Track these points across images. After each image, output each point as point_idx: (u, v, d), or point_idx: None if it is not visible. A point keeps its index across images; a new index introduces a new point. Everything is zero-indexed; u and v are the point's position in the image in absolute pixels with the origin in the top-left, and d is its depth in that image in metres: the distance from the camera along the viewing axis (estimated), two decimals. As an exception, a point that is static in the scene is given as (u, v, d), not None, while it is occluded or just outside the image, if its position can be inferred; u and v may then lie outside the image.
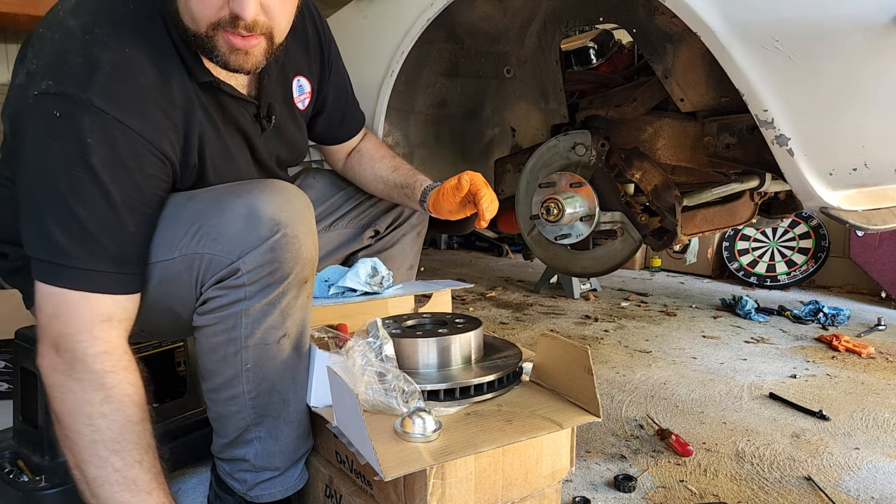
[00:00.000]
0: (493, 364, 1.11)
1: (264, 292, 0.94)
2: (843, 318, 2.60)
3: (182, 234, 0.94)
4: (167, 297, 0.97)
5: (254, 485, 1.04)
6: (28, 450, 1.19)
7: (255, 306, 0.95)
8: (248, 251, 0.91)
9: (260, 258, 0.92)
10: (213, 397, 1.02)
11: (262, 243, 0.92)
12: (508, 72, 1.59)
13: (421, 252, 1.59)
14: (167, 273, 0.95)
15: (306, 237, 0.96)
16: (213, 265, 0.93)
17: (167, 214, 0.98)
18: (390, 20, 1.51)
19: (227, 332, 0.96)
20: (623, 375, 1.96)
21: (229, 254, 0.92)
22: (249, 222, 0.92)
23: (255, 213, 0.92)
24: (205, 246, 0.93)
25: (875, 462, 1.39)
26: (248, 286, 0.93)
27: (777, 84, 1.00)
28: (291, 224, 0.94)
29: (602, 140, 1.39)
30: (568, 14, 1.42)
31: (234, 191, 0.97)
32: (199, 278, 0.94)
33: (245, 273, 0.92)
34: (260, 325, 0.96)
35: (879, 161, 1.00)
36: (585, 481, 1.31)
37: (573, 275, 1.91)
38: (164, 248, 0.95)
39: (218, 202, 0.96)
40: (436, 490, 0.90)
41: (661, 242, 1.36)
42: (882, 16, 0.89)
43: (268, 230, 0.92)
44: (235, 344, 0.96)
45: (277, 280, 0.94)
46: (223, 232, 0.92)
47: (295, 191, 0.99)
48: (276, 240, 0.92)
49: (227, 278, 0.93)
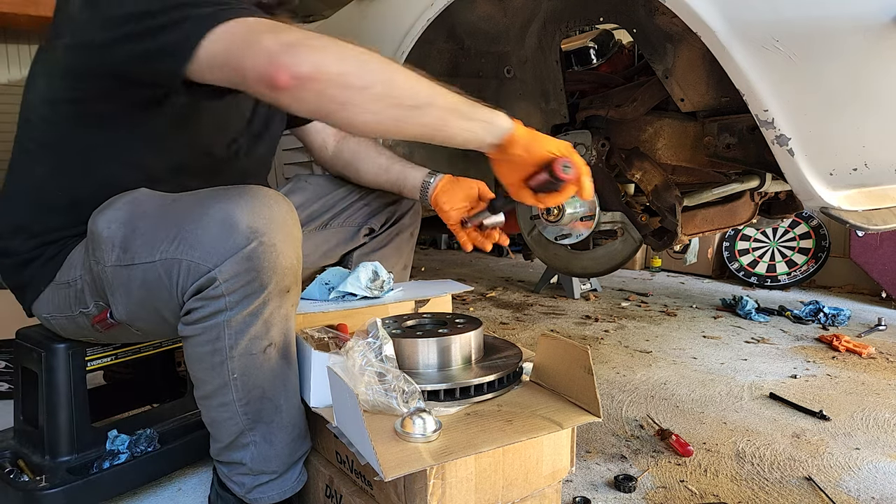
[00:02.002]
0: (494, 364, 1.10)
1: (244, 303, 0.93)
2: (844, 319, 2.60)
3: (163, 237, 0.94)
4: (151, 299, 0.97)
5: (252, 488, 1.04)
6: (28, 450, 1.20)
7: (237, 317, 0.93)
8: (224, 260, 0.90)
9: (236, 267, 0.91)
10: (204, 404, 1.02)
11: (238, 252, 0.90)
12: (509, 72, 1.59)
13: (419, 252, 1.60)
14: (149, 276, 0.95)
15: (285, 245, 0.94)
16: (192, 272, 0.92)
17: (150, 215, 0.98)
18: (390, 20, 1.51)
19: (212, 343, 0.95)
20: (623, 375, 1.96)
21: (206, 261, 0.91)
22: (225, 230, 0.90)
23: (231, 221, 0.90)
24: (183, 252, 0.92)
25: (875, 462, 1.39)
26: (228, 296, 0.92)
27: (777, 84, 1.00)
28: (269, 232, 0.92)
29: (602, 140, 1.39)
30: (568, 14, 1.42)
31: (214, 196, 0.96)
32: (178, 283, 0.93)
33: (223, 283, 0.91)
34: (243, 336, 0.95)
35: (880, 161, 1.01)
36: (586, 481, 1.31)
37: (573, 275, 1.91)
38: (146, 250, 0.95)
39: (198, 206, 0.95)
40: (436, 490, 0.90)
41: (661, 242, 1.36)
42: (882, 16, 0.89)
43: (244, 238, 0.90)
44: (220, 354, 0.96)
45: (256, 290, 0.93)
46: (200, 238, 0.91)
47: (276, 197, 0.96)
48: (253, 248, 0.90)
49: (206, 288, 0.92)
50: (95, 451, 1.18)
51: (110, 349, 1.23)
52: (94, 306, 1.06)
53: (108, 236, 0.98)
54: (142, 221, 0.98)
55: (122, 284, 0.98)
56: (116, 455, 1.18)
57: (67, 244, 1.09)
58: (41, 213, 1.09)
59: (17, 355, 1.24)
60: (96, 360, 1.21)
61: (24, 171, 1.09)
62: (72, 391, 1.15)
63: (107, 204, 1.02)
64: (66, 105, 1.02)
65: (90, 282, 1.04)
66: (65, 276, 1.08)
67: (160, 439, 1.25)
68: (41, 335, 1.19)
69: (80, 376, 1.17)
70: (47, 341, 1.16)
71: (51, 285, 1.10)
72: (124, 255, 0.97)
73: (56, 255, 1.09)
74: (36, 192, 1.08)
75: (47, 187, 1.07)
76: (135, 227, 0.97)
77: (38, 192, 1.08)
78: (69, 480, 1.11)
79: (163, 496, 1.26)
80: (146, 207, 1.00)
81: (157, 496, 1.26)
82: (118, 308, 1.01)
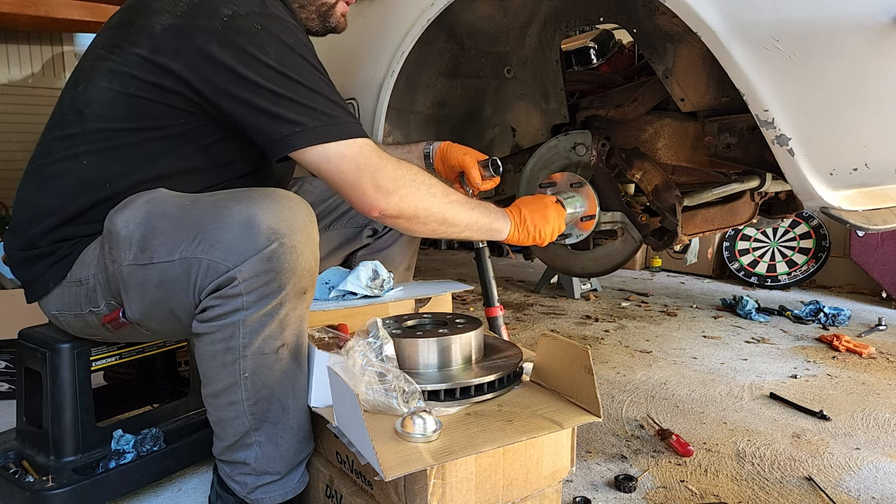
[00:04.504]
0: (494, 364, 1.11)
1: (261, 302, 0.94)
2: (844, 319, 2.60)
3: (183, 237, 0.95)
4: (167, 298, 0.97)
5: (254, 488, 1.04)
6: (32, 450, 1.20)
7: (253, 316, 0.95)
8: (245, 260, 0.92)
9: (256, 267, 0.92)
10: (212, 402, 1.02)
11: (259, 252, 0.92)
12: (509, 72, 1.59)
13: (419, 252, 1.61)
14: (167, 275, 0.96)
15: (304, 247, 0.96)
16: (211, 271, 0.93)
17: (170, 215, 0.99)
18: (390, 20, 1.51)
19: (225, 342, 0.96)
20: (623, 375, 1.96)
21: (226, 261, 0.92)
22: (247, 231, 0.92)
23: (252, 222, 0.92)
24: (203, 251, 0.93)
25: (876, 462, 1.39)
26: (246, 296, 0.93)
27: (777, 84, 1.00)
28: (290, 234, 0.94)
29: (602, 140, 1.39)
30: (568, 14, 1.42)
31: (235, 197, 0.98)
32: (196, 283, 0.94)
33: (241, 282, 0.92)
34: (258, 335, 0.96)
35: (880, 161, 1.00)
36: (586, 481, 1.31)
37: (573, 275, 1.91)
38: (165, 249, 0.96)
39: (219, 208, 0.96)
40: (436, 490, 0.90)
41: (661, 242, 1.36)
42: (882, 16, 0.89)
43: (265, 239, 0.92)
44: (233, 353, 0.96)
45: (275, 290, 0.94)
46: (221, 238, 0.93)
47: (296, 200, 0.99)
48: (273, 249, 0.92)
49: (225, 286, 0.93)
50: (101, 451, 1.18)
51: (115, 349, 1.24)
52: (106, 305, 1.06)
53: (126, 235, 0.98)
54: (161, 221, 0.98)
55: (138, 284, 0.98)
56: (122, 454, 1.18)
57: (81, 243, 1.09)
58: (74, 203, 1.08)
59: (20, 355, 1.24)
60: (101, 360, 1.21)
61: (68, 161, 1.08)
62: (77, 391, 1.15)
63: (124, 203, 1.03)
64: (133, 108, 1.05)
65: (104, 281, 1.04)
66: (76, 275, 1.08)
67: (165, 438, 1.25)
68: (45, 335, 1.19)
69: (84, 376, 1.17)
70: (52, 341, 1.16)
71: (62, 283, 1.10)
72: (142, 255, 0.97)
73: (69, 254, 1.09)
74: (77, 182, 1.07)
75: (91, 178, 1.07)
76: (153, 226, 0.98)
77: (79, 181, 1.07)
78: (76, 480, 1.11)
79: (163, 496, 1.26)
80: (165, 207, 1.01)
81: (158, 496, 1.26)
82: (132, 307, 1.01)
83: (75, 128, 1.07)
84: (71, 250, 1.09)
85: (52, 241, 1.09)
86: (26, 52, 3.75)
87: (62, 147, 1.08)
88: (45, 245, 1.09)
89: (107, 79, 1.05)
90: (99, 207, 1.06)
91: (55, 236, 1.09)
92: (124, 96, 1.04)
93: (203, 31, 0.98)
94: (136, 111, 1.05)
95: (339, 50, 1.70)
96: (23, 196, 1.13)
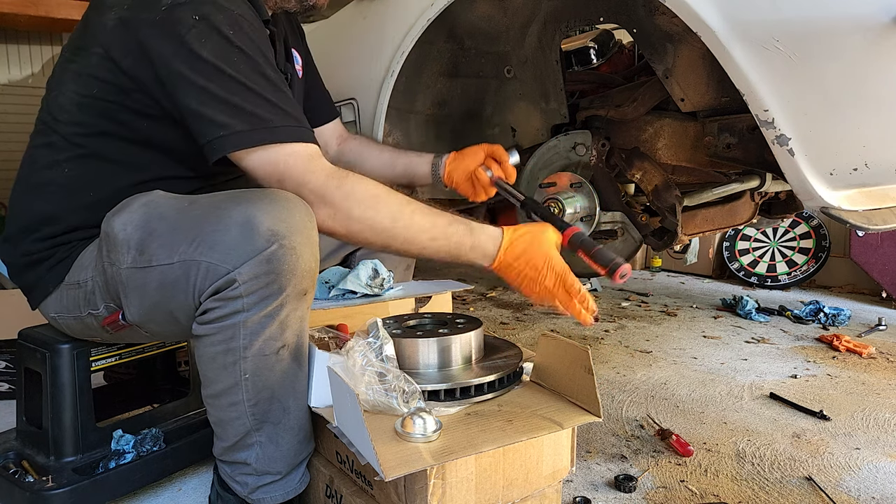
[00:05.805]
0: (494, 364, 1.11)
1: (262, 304, 0.94)
2: (844, 319, 2.60)
3: (181, 239, 0.94)
4: (167, 301, 0.97)
5: (255, 488, 1.04)
6: (32, 450, 1.20)
7: (253, 318, 0.94)
8: (244, 262, 0.91)
9: (256, 269, 0.91)
10: (212, 402, 1.02)
11: (259, 254, 0.91)
12: (509, 72, 1.59)
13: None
14: (166, 278, 0.95)
15: (304, 249, 0.95)
16: (210, 274, 0.92)
17: (168, 217, 0.98)
18: (390, 20, 1.51)
19: (226, 343, 0.96)
20: (623, 375, 1.96)
21: (225, 263, 0.91)
22: (246, 232, 0.91)
23: (251, 224, 0.91)
24: (202, 253, 0.92)
25: (876, 462, 1.39)
26: (246, 297, 0.92)
27: (777, 84, 1.00)
28: (289, 235, 0.93)
29: (602, 140, 1.39)
30: (568, 14, 1.42)
31: (233, 198, 0.97)
32: (196, 285, 0.94)
33: (241, 284, 0.92)
34: (258, 337, 0.96)
35: (880, 161, 1.00)
36: (586, 481, 1.31)
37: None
38: (164, 252, 0.95)
39: (217, 210, 0.95)
40: (436, 490, 0.90)
41: (661, 242, 1.36)
42: (882, 16, 0.89)
43: (265, 241, 0.91)
44: (234, 354, 0.96)
45: (275, 292, 0.94)
46: (220, 241, 0.92)
47: (296, 201, 0.97)
48: (273, 251, 0.91)
49: (225, 289, 0.92)
50: (101, 451, 1.18)
51: (114, 349, 1.24)
52: (105, 308, 1.06)
53: (124, 238, 0.98)
54: (159, 224, 0.98)
55: (137, 287, 0.98)
56: (122, 455, 1.18)
57: (78, 246, 1.09)
58: (63, 211, 1.09)
59: (19, 356, 1.24)
60: (101, 361, 1.21)
61: (51, 169, 1.09)
62: (77, 391, 1.15)
63: (122, 206, 1.02)
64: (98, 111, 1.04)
65: (102, 284, 1.04)
66: (75, 277, 1.08)
67: (165, 438, 1.25)
68: (45, 335, 1.19)
69: (84, 376, 1.17)
70: (52, 341, 1.16)
71: (60, 286, 1.10)
72: (140, 258, 0.97)
73: (67, 257, 1.09)
74: (61, 190, 1.08)
75: (74, 185, 1.08)
76: (152, 229, 0.97)
77: (64, 189, 1.08)
78: (76, 480, 1.11)
79: (163, 496, 1.26)
80: (163, 210, 1.00)
81: (158, 496, 1.26)
82: (131, 310, 1.01)
83: (54, 135, 1.08)
84: (68, 253, 1.09)
85: (49, 247, 1.09)
86: (26, 52, 3.74)
87: (44, 155, 1.09)
88: (42, 250, 1.09)
89: (73, 82, 1.05)
90: (89, 213, 1.07)
91: (50, 242, 1.09)
92: (89, 99, 1.03)
93: (144, 23, 0.96)
94: (102, 114, 1.04)
95: (338, 50, 1.71)
96: (14, 206, 1.13)
